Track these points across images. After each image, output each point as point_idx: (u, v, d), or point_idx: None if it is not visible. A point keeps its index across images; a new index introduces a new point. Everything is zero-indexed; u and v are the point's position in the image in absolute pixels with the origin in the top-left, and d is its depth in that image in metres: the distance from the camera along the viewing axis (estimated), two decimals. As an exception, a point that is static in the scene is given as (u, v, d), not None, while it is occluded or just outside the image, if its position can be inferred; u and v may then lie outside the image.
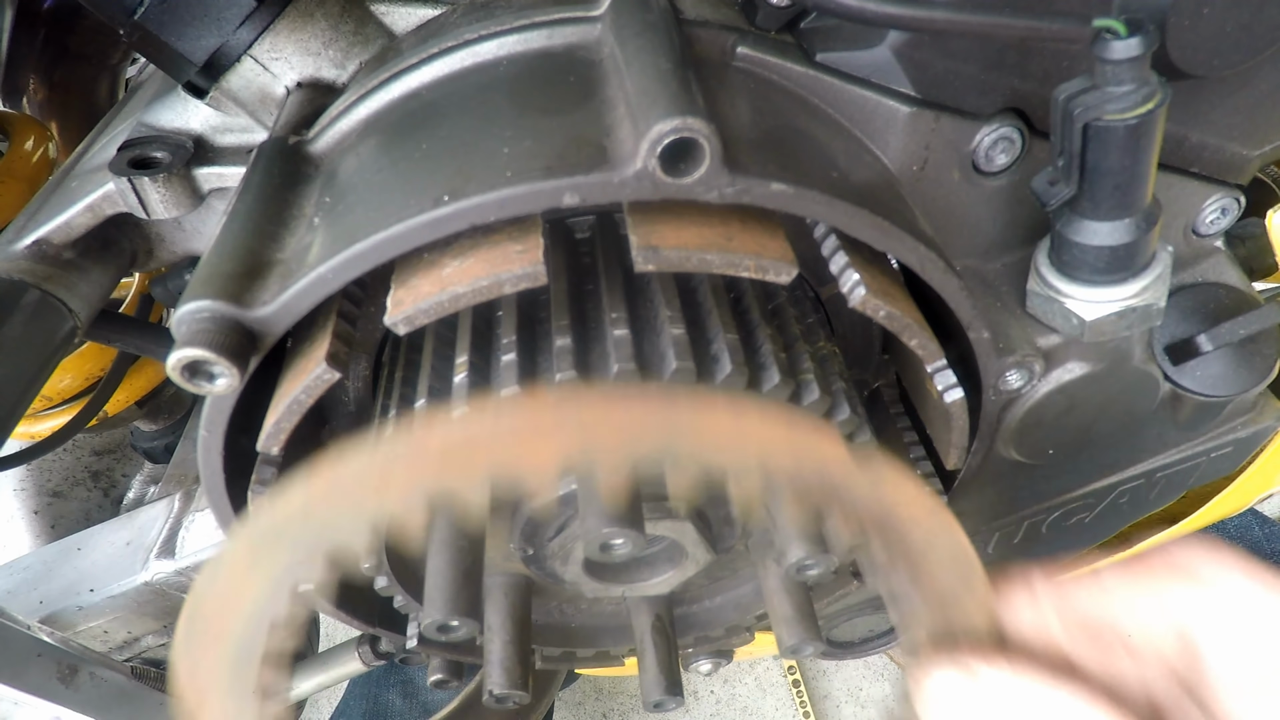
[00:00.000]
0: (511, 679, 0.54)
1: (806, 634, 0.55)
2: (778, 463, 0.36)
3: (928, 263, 0.47)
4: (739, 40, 0.52)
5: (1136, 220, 0.50)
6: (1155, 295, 0.53)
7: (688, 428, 0.34)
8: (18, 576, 1.06)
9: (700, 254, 0.41)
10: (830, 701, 2.22)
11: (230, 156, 0.65)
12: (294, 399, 0.44)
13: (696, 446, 0.35)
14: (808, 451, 0.36)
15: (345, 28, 0.60)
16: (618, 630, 0.67)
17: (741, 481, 0.36)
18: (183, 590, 1.01)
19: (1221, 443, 0.74)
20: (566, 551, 0.54)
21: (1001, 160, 0.55)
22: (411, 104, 0.52)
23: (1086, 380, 0.60)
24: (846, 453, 0.37)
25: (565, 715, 2.25)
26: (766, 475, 0.36)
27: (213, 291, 0.42)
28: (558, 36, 0.51)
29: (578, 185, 0.40)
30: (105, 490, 1.50)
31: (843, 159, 0.50)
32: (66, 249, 0.67)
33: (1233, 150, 0.60)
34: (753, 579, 0.67)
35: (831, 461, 0.37)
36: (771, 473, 0.36)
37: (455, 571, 0.48)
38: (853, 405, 0.48)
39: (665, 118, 0.38)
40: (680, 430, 0.34)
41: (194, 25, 0.57)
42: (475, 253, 0.42)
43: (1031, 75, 0.53)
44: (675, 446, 0.34)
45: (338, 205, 0.47)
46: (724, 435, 0.35)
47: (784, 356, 0.46)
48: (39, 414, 1.31)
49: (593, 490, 0.44)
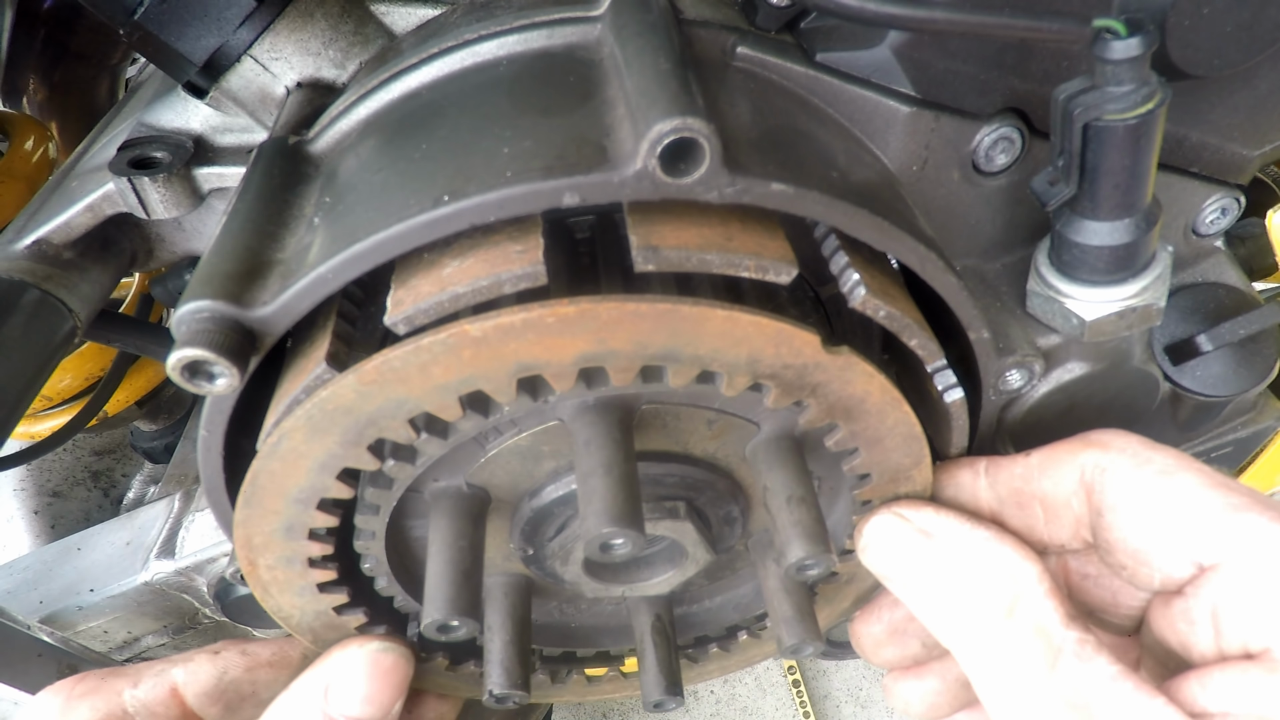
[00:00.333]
0: (511, 679, 0.54)
1: (806, 634, 0.55)
2: (764, 355, 0.43)
3: (928, 263, 0.47)
4: (739, 40, 0.52)
5: (1136, 220, 0.50)
6: (1155, 295, 0.53)
7: (686, 325, 0.41)
8: (18, 576, 1.06)
9: (700, 254, 0.41)
10: (830, 701, 2.22)
11: (230, 156, 0.65)
12: (294, 399, 0.44)
13: (693, 342, 0.41)
14: (790, 345, 0.43)
15: (345, 28, 0.60)
16: (618, 630, 0.67)
17: (733, 379, 0.43)
18: (183, 590, 1.01)
19: (1221, 443, 0.74)
20: (566, 551, 0.54)
21: (1001, 160, 0.55)
22: (411, 104, 0.52)
23: (1086, 380, 0.60)
24: (822, 348, 0.43)
25: (565, 715, 2.25)
26: (755, 369, 0.43)
27: (213, 291, 0.42)
28: (558, 36, 0.51)
29: (578, 185, 0.40)
30: (105, 490, 1.50)
31: (843, 159, 0.50)
32: (66, 249, 0.67)
33: (1233, 150, 0.60)
34: (753, 579, 0.67)
35: (810, 354, 0.43)
36: (759, 365, 0.43)
37: (455, 571, 0.48)
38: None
39: (665, 118, 0.38)
40: (682, 328, 0.41)
41: (194, 25, 0.57)
42: (475, 253, 0.42)
43: (1031, 75, 0.53)
44: (675, 343, 0.41)
45: (338, 205, 0.47)
46: (719, 333, 0.41)
47: None
48: (39, 414, 1.31)
49: (593, 490, 0.44)
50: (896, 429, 0.48)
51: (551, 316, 0.40)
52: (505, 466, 0.51)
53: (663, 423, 0.50)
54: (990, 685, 0.44)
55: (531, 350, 0.41)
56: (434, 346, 0.40)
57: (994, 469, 0.52)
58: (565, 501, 0.52)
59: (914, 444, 0.50)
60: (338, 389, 0.42)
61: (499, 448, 0.50)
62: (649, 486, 0.52)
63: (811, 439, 0.53)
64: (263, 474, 0.45)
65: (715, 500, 0.55)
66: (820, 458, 0.55)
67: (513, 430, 0.49)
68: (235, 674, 0.55)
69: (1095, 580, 0.53)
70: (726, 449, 0.53)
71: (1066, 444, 0.50)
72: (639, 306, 0.40)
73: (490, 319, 0.39)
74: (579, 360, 0.42)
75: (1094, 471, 0.48)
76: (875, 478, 0.51)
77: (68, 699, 0.51)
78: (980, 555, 0.47)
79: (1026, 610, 0.44)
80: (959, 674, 0.47)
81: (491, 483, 0.52)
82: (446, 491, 0.51)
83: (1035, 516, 0.51)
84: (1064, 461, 0.50)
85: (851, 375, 0.45)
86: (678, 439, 0.52)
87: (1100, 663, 0.42)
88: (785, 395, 0.45)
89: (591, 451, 0.45)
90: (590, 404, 0.47)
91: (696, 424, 0.51)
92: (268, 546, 0.49)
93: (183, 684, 0.54)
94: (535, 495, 0.53)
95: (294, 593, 0.52)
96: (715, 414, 0.50)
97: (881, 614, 0.59)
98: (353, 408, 0.42)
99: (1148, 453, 0.48)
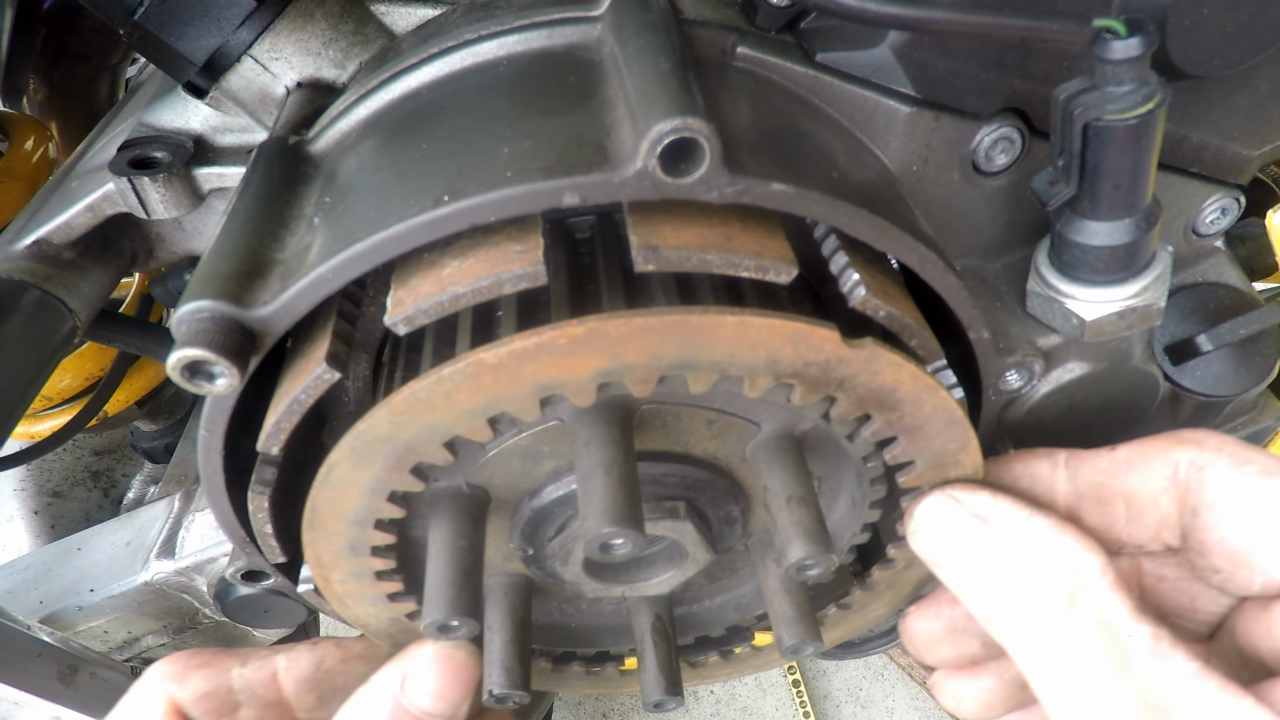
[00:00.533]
0: (512, 679, 0.54)
1: (806, 634, 0.55)
2: (783, 356, 0.42)
3: (928, 263, 0.47)
4: (739, 40, 0.52)
5: (1136, 220, 0.50)
6: (1155, 295, 0.53)
7: (697, 334, 0.41)
8: (18, 576, 1.06)
9: (700, 254, 0.41)
10: (830, 701, 2.22)
11: (230, 156, 0.65)
12: (294, 399, 0.44)
13: (708, 349, 0.42)
14: (808, 344, 0.42)
15: (345, 28, 0.60)
16: (618, 630, 0.67)
17: (755, 381, 0.43)
18: (183, 590, 1.01)
19: (1221, 443, 0.74)
20: (566, 551, 0.54)
21: (1001, 160, 0.55)
22: (411, 104, 0.52)
23: (1086, 380, 0.60)
24: (842, 342, 0.43)
25: (565, 715, 2.25)
26: (775, 369, 0.43)
27: (213, 291, 0.42)
28: (558, 36, 0.51)
29: (578, 185, 0.40)
30: (105, 490, 1.50)
31: (843, 159, 0.50)
32: (66, 249, 0.67)
33: (1233, 150, 0.60)
34: (754, 579, 0.67)
35: (830, 349, 0.43)
36: (779, 365, 0.43)
37: (455, 572, 0.48)
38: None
39: (665, 118, 0.38)
40: (694, 337, 0.41)
41: (194, 25, 0.57)
42: (475, 253, 0.42)
43: (1031, 75, 0.53)
44: (691, 352, 0.42)
45: (338, 205, 0.47)
46: (732, 338, 0.41)
47: None
48: (39, 414, 1.31)
49: (593, 490, 0.44)
50: (936, 415, 0.47)
51: (563, 339, 0.40)
52: (505, 466, 0.51)
53: (663, 423, 0.50)
54: (1050, 684, 0.41)
55: (549, 371, 0.41)
56: (454, 376, 0.41)
57: (1075, 461, 0.50)
58: (565, 501, 0.52)
59: (957, 429, 0.48)
60: (373, 421, 0.43)
61: (499, 448, 0.50)
62: (649, 486, 0.52)
63: (811, 439, 0.53)
64: (320, 500, 0.47)
65: (715, 500, 0.55)
66: (820, 457, 0.55)
67: (513, 430, 0.49)
68: (330, 664, 0.57)
69: (1172, 584, 0.51)
70: (726, 449, 0.53)
71: (1157, 440, 0.48)
72: (647, 320, 0.40)
73: (504, 345, 0.40)
74: (596, 376, 0.42)
75: (1190, 469, 0.46)
76: (920, 464, 0.50)
77: (184, 668, 0.54)
78: (1039, 543, 0.44)
79: (1089, 602, 0.41)
80: (1017, 673, 0.44)
81: (492, 483, 0.52)
82: (446, 492, 0.51)
83: (1116, 514, 0.49)
84: (1155, 458, 0.47)
85: (878, 366, 0.44)
86: (678, 439, 0.52)
87: (1178, 659, 0.39)
88: (811, 392, 0.45)
89: (591, 452, 0.45)
90: (590, 404, 0.47)
91: (696, 424, 0.51)
92: (336, 564, 0.51)
93: (284, 669, 0.56)
94: (535, 495, 0.53)
95: (367, 603, 0.55)
96: (715, 414, 0.50)
97: (941, 609, 0.56)
98: (390, 436, 0.44)
99: (1247, 453, 0.45)
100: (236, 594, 0.97)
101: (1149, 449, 0.48)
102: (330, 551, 0.50)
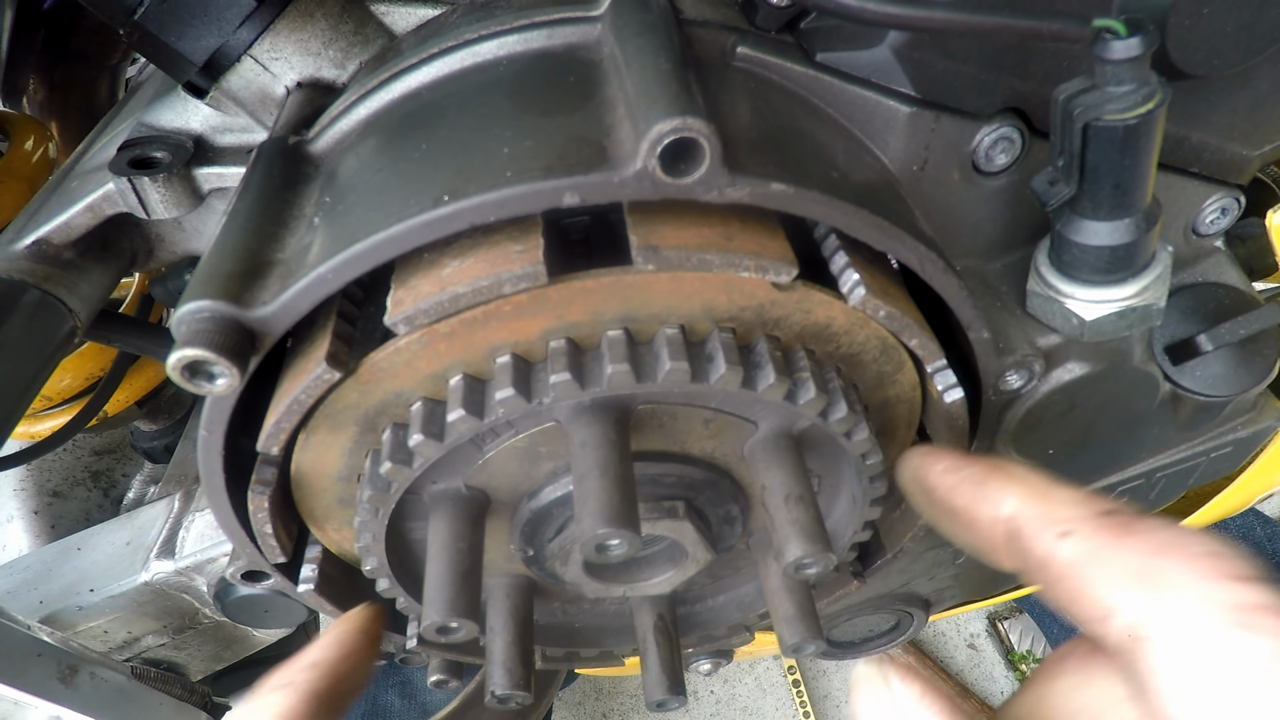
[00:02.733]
0: (514, 679, 0.54)
1: (808, 633, 0.55)
2: (718, 304, 0.45)
3: (928, 263, 0.47)
4: (739, 40, 0.52)
5: (1136, 220, 0.50)
6: (1155, 295, 0.53)
7: (634, 291, 0.43)
8: (18, 576, 1.06)
9: (700, 254, 0.41)
10: (830, 701, 2.22)
11: (230, 156, 0.65)
12: (294, 399, 0.44)
13: (646, 304, 0.44)
14: (741, 290, 0.44)
15: (345, 28, 0.60)
16: (620, 630, 0.67)
17: (695, 328, 0.46)
18: (183, 590, 1.01)
19: (1221, 443, 0.74)
20: (566, 552, 0.54)
21: (1001, 160, 0.55)
22: (411, 104, 0.52)
23: (1086, 380, 0.60)
24: (774, 288, 0.45)
25: (565, 715, 2.25)
26: (713, 315, 0.45)
27: (213, 291, 0.42)
28: (558, 36, 0.51)
29: (578, 185, 0.40)
30: (105, 490, 1.50)
31: (843, 159, 0.50)
32: (66, 249, 0.67)
33: (1233, 150, 0.60)
34: (755, 578, 0.67)
35: (762, 294, 0.45)
36: (716, 312, 0.45)
37: (454, 573, 0.48)
38: (850, 403, 0.48)
39: (665, 118, 0.38)
40: (631, 294, 0.43)
41: (194, 25, 0.57)
42: (475, 253, 0.42)
43: (1031, 75, 0.53)
44: (630, 308, 0.44)
45: (338, 205, 0.47)
46: (668, 291, 0.44)
47: (780, 355, 0.46)
48: (39, 414, 1.31)
49: (588, 491, 0.44)
50: (869, 343, 0.50)
51: (508, 306, 0.43)
52: (503, 468, 0.51)
53: (660, 423, 0.50)
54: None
55: (499, 335, 0.44)
56: (411, 345, 0.44)
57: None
58: (564, 502, 0.52)
59: (892, 353, 0.51)
60: (340, 391, 0.46)
61: (496, 449, 0.50)
62: (647, 486, 0.52)
63: (809, 437, 0.53)
64: (303, 463, 0.50)
65: (714, 499, 0.55)
66: (819, 456, 0.55)
67: (510, 432, 0.49)
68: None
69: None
70: (724, 448, 0.53)
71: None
72: (585, 283, 0.43)
73: (455, 315, 0.43)
74: (545, 335, 0.45)
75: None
76: (862, 387, 0.52)
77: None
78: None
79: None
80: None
81: (490, 484, 0.52)
82: (445, 494, 0.51)
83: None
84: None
85: (810, 305, 0.46)
86: (675, 439, 0.52)
87: None
88: (750, 334, 0.47)
89: (587, 453, 0.45)
90: (586, 405, 0.47)
91: (694, 423, 0.51)
92: (329, 516, 0.54)
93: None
94: (534, 496, 0.53)
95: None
96: (712, 413, 0.50)
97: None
98: (359, 403, 0.47)
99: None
100: (236, 594, 0.97)
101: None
102: (321, 506, 0.53)
